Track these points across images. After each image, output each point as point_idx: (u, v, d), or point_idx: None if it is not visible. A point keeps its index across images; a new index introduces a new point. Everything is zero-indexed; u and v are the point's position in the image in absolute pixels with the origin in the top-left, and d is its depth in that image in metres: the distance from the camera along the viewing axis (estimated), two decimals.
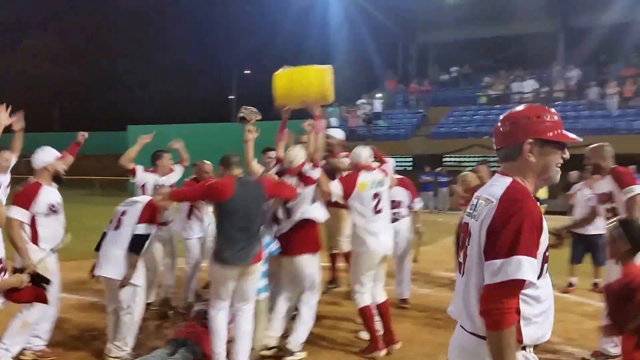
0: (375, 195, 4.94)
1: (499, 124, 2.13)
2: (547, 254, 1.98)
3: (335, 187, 4.88)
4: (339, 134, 6.24)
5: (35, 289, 3.80)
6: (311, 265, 4.87)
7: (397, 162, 20.52)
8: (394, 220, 5.80)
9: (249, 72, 37.78)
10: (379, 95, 26.84)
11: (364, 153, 5.07)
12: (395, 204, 5.98)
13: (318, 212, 4.93)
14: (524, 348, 1.96)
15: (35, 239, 4.46)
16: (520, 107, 2.14)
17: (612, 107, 20.70)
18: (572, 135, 2.05)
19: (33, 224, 4.45)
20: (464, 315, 2.05)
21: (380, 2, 26.46)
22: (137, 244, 4.50)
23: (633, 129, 19.06)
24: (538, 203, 2.01)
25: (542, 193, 5.98)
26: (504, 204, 1.94)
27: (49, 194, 4.56)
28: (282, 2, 28.88)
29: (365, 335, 5.08)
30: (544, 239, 1.95)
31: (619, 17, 23.49)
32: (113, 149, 22.27)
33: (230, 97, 38.79)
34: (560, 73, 24.20)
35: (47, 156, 4.63)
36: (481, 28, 26.91)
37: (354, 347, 5.01)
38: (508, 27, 26.27)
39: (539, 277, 1.93)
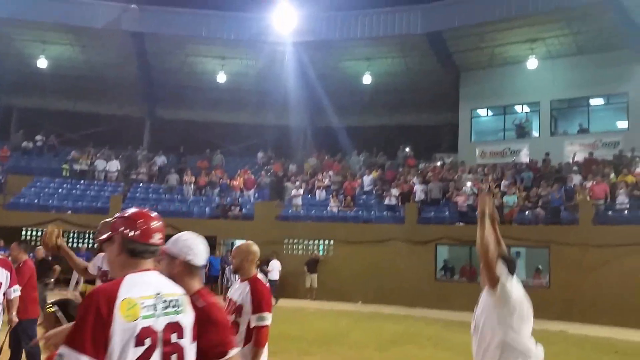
0: None
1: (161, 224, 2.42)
2: None
3: None
4: None
5: None
6: None
7: None
8: None
9: None
10: None
11: None
12: None
13: None
14: None
15: None
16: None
17: (188, 193, 23.31)
18: None
19: None
20: None
21: None
22: None
23: (205, 214, 21.84)
24: None
25: None
26: (200, 293, 2.63)
27: None
28: None
29: None
30: None
31: (196, 116, 27.27)
32: None
33: None
34: (145, 157, 25.95)
35: None
36: (71, 101, 26.81)
37: None
38: (99, 105, 26.94)
39: None
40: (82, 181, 23.82)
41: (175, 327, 2.25)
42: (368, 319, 14.96)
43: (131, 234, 2.31)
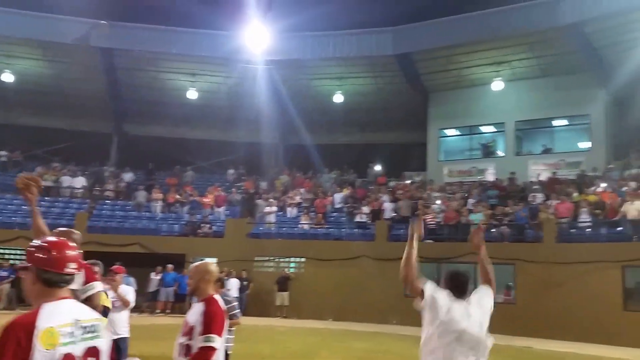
0: None
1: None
2: None
3: None
4: None
5: None
6: None
7: None
8: None
9: None
10: None
11: None
12: None
13: None
14: None
15: None
16: None
17: (157, 210, 23.05)
18: None
19: None
20: None
21: None
22: None
23: (174, 232, 21.62)
24: None
25: None
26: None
27: None
28: None
29: None
30: None
31: (166, 132, 27.11)
32: None
33: None
34: (112, 174, 25.59)
35: None
36: (38, 116, 26.35)
37: None
38: (65, 120, 26.53)
39: None
40: (47, 198, 23.32)
41: (93, 352, 2.41)
42: (339, 337, 14.99)
43: (45, 263, 2.37)
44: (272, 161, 26.81)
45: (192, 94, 25.39)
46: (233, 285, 18.11)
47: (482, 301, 4.00)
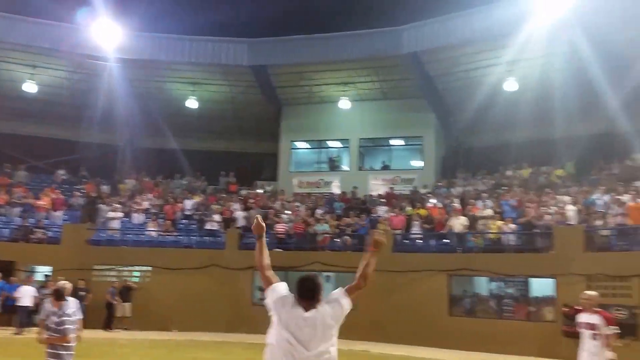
0: None
1: None
2: None
3: None
4: None
5: None
6: None
7: None
8: None
9: None
10: None
11: None
12: None
13: None
14: None
15: None
16: None
17: None
18: None
19: None
20: None
21: None
22: None
23: (2, 236, 19.82)
24: None
25: None
26: None
27: None
28: None
29: None
30: None
31: None
32: None
33: None
34: None
35: None
36: None
37: None
38: None
39: None
40: None
41: None
42: (185, 348, 14.91)
43: None
44: (120, 164, 25.65)
45: (30, 87, 23.39)
46: (26, 292, 17.00)
47: (334, 307, 3.90)
